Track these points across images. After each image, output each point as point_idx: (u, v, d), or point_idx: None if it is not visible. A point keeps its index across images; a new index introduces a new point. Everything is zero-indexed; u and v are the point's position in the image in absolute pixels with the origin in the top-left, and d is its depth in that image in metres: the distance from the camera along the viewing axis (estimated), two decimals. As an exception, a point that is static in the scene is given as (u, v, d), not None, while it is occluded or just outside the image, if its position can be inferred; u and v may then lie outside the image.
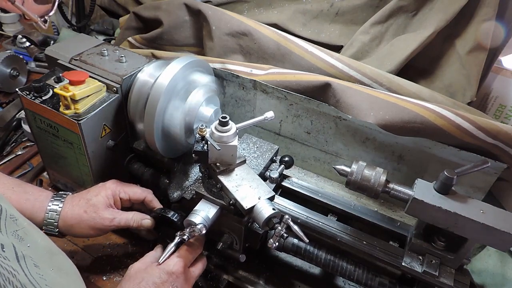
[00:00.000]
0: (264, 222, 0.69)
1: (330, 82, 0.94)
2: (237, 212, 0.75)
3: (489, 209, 0.69)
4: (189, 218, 0.76)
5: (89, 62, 0.90)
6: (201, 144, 0.76)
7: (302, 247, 0.83)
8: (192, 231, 0.74)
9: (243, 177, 0.77)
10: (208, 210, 0.78)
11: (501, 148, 0.86)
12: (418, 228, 0.78)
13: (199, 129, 0.75)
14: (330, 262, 0.82)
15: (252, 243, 0.85)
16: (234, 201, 0.73)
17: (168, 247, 0.75)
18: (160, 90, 0.81)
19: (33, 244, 0.60)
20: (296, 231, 0.70)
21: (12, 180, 0.83)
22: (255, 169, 0.87)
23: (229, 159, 0.76)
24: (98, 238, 1.00)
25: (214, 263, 0.92)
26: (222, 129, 0.73)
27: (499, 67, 1.08)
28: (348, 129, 0.98)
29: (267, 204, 0.71)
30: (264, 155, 0.91)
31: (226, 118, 0.73)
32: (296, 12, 1.24)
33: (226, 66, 1.05)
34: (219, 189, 0.77)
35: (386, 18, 1.13)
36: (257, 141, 0.95)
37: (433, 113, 0.86)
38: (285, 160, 0.92)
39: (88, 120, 0.82)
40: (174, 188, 0.90)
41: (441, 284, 0.73)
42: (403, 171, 0.99)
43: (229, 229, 0.83)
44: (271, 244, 0.70)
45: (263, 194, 0.73)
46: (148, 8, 1.24)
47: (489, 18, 1.01)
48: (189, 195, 0.85)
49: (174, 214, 0.84)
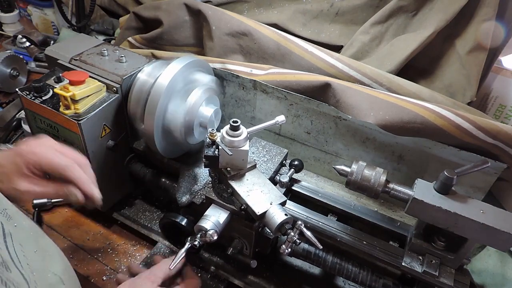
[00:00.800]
0: (277, 228, 0.69)
1: (330, 82, 0.94)
2: (248, 217, 0.74)
3: (489, 209, 0.69)
4: (200, 224, 0.74)
5: (89, 62, 0.90)
6: (212, 148, 0.74)
7: (312, 251, 0.82)
8: (203, 237, 0.73)
9: (254, 182, 0.76)
10: (218, 215, 0.76)
11: (501, 148, 0.86)
12: (418, 228, 0.78)
13: (209, 133, 0.74)
14: (336, 265, 0.81)
15: (262, 248, 0.85)
16: (245, 206, 0.72)
17: (179, 253, 0.73)
18: (160, 90, 0.81)
19: (19, 224, 0.59)
20: (310, 237, 0.69)
21: None
22: (265, 173, 0.86)
23: (240, 163, 0.75)
24: (98, 238, 1.00)
25: (215, 264, 0.92)
26: (233, 133, 0.72)
27: (499, 67, 1.08)
28: (348, 129, 0.98)
29: (279, 209, 0.70)
30: (274, 159, 0.90)
31: (237, 122, 0.72)
32: (296, 12, 1.24)
33: (226, 66, 1.05)
34: (230, 194, 0.76)
35: (386, 18, 1.12)
36: (266, 145, 0.94)
37: (433, 113, 0.86)
38: (295, 164, 0.91)
39: (88, 120, 0.82)
40: (183, 192, 0.88)
41: (441, 284, 0.73)
42: (403, 171, 0.99)
43: (239, 234, 0.82)
44: (284, 250, 0.69)
45: (274, 199, 0.72)
46: (148, 8, 1.24)
47: (489, 18, 1.01)
48: (198, 200, 0.84)
49: (182, 219, 0.83)
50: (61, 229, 1.01)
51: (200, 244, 0.73)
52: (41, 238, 0.63)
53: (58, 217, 1.04)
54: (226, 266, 0.92)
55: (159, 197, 1.09)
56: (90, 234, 1.01)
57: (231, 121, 0.72)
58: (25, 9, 1.72)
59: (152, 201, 1.09)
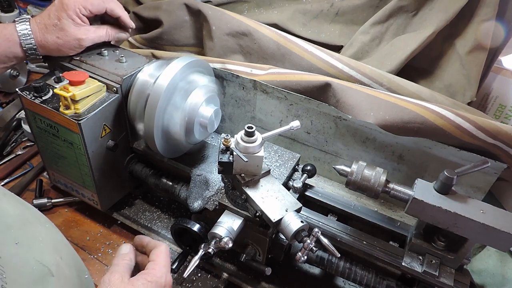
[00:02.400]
0: (293, 236, 0.68)
1: (330, 82, 0.94)
2: (262, 224, 0.73)
3: (489, 209, 0.69)
4: (214, 231, 0.73)
5: (89, 62, 0.90)
6: (227, 154, 0.73)
7: (325, 257, 0.82)
8: (217, 244, 0.72)
9: (269, 188, 0.75)
10: (232, 222, 0.76)
11: (501, 148, 0.86)
12: (418, 228, 0.78)
13: (224, 139, 0.72)
14: (346, 270, 0.81)
15: (275, 255, 0.84)
16: (260, 213, 0.71)
17: (193, 260, 0.72)
18: (160, 90, 0.81)
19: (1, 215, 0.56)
20: (327, 245, 0.68)
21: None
22: (278, 178, 0.85)
23: (255, 169, 0.74)
24: (98, 238, 1.00)
25: (216, 264, 0.92)
26: (248, 139, 0.71)
27: (499, 67, 1.08)
28: (348, 129, 0.98)
29: (294, 216, 0.69)
30: (286, 164, 0.89)
31: (252, 128, 0.70)
32: (296, 12, 1.24)
33: (226, 66, 1.05)
34: (244, 200, 0.75)
35: (386, 18, 1.12)
36: (278, 150, 0.94)
37: (433, 113, 0.86)
38: (308, 169, 0.89)
39: (88, 120, 0.82)
40: (194, 197, 0.86)
41: (441, 284, 0.73)
42: (403, 171, 0.99)
43: (252, 240, 0.81)
44: (299, 257, 0.68)
45: (290, 206, 0.72)
46: (148, 8, 1.24)
47: (489, 18, 1.01)
48: (211, 206, 0.82)
49: (194, 224, 0.82)
50: (61, 229, 0.98)
51: (215, 251, 0.73)
52: (30, 226, 0.60)
53: (58, 217, 1.04)
54: (239, 272, 0.91)
55: (159, 197, 1.09)
56: (90, 234, 1.01)
57: (246, 127, 0.70)
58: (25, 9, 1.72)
59: (152, 201, 1.09)
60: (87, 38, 0.87)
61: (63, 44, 0.85)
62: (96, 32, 0.89)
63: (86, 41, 0.87)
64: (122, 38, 0.94)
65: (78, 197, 1.02)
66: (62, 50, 0.86)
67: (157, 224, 1.02)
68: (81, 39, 0.86)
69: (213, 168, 0.91)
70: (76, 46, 0.87)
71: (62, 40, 0.84)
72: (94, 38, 0.88)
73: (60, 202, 1.07)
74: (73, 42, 0.85)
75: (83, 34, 0.86)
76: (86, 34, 0.86)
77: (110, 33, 0.91)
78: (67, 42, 0.85)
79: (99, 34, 0.89)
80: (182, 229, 0.85)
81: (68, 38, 0.85)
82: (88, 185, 0.94)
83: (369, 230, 0.84)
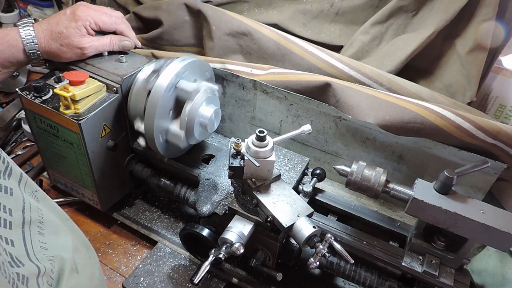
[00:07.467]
0: (305, 241, 0.67)
1: (330, 82, 0.94)
2: (273, 228, 0.72)
3: (489, 209, 0.69)
4: (225, 236, 0.73)
5: (89, 62, 0.90)
6: (237, 159, 0.72)
7: (335, 262, 0.81)
8: (228, 250, 0.71)
9: (280, 193, 0.74)
10: (243, 227, 0.75)
11: (501, 148, 0.86)
12: (418, 228, 0.78)
13: (234, 143, 0.71)
14: (352, 273, 0.81)
15: (286, 259, 0.83)
16: (271, 218, 0.70)
17: (203, 266, 0.71)
18: (160, 90, 0.81)
19: (46, 208, 0.61)
20: (340, 251, 0.67)
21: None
22: (288, 182, 0.84)
23: (265, 174, 0.73)
24: (98, 237, 1.00)
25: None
26: (259, 143, 0.70)
27: (499, 67, 1.08)
28: (348, 129, 0.98)
29: (306, 221, 0.69)
30: (296, 167, 0.89)
31: (263, 132, 0.70)
32: (296, 12, 1.24)
33: (226, 66, 1.05)
34: (255, 205, 0.74)
35: (386, 18, 1.12)
36: (287, 153, 0.93)
37: (433, 113, 0.86)
38: (317, 173, 0.88)
39: (88, 120, 0.82)
40: (203, 202, 0.85)
41: (441, 284, 0.73)
42: (403, 171, 0.99)
43: (262, 245, 0.80)
44: (311, 263, 0.67)
45: (301, 211, 0.71)
46: (148, 8, 1.24)
47: (489, 18, 1.01)
48: (221, 211, 0.81)
49: (202, 229, 0.81)
50: (61, 229, 1.01)
51: (225, 257, 0.72)
52: (66, 221, 0.66)
53: (58, 217, 1.04)
54: (247, 277, 0.91)
55: (159, 197, 1.09)
56: (90, 234, 1.01)
57: (257, 131, 0.70)
58: (25, 9, 1.72)
59: (152, 201, 1.09)
60: (90, 47, 0.88)
61: (66, 52, 0.86)
62: (100, 41, 0.90)
63: (89, 49, 0.88)
64: (127, 46, 0.94)
65: (78, 197, 1.02)
66: (64, 57, 0.87)
67: (157, 224, 1.02)
68: (84, 47, 0.87)
69: (221, 172, 0.89)
70: (79, 55, 0.88)
71: (65, 47, 0.86)
72: (97, 47, 0.89)
73: (60, 202, 1.07)
74: (76, 51, 0.87)
75: (86, 43, 0.87)
76: (90, 43, 0.87)
77: (114, 41, 0.92)
78: (70, 50, 0.86)
79: (102, 42, 0.90)
80: (190, 234, 0.84)
81: (71, 46, 0.86)
82: (88, 185, 0.94)
83: (369, 230, 0.84)
